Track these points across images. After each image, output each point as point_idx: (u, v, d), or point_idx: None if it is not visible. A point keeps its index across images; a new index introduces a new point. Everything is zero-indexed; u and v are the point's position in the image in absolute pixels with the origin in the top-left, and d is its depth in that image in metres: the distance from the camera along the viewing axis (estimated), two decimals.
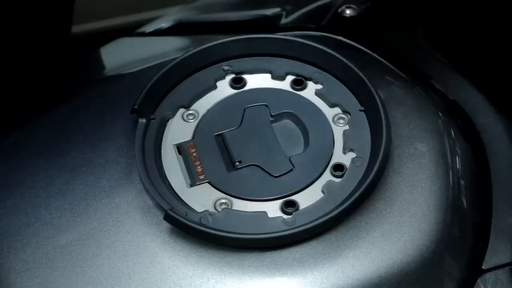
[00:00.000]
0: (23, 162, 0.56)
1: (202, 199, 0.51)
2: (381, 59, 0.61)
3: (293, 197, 0.51)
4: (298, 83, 0.56)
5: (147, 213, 0.51)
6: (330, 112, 0.55)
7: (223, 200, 0.51)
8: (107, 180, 0.53)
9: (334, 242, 0.49)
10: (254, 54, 0.57)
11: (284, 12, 0.66)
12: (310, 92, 0.56)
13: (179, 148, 0.53)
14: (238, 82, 0.56)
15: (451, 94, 0.60)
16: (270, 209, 0.50)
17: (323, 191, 0.51)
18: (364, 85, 0.53)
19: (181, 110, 0.55)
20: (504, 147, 0.57)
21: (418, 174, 0.52)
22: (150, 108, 0.54)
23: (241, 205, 0.50)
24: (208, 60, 0.57)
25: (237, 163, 0.52)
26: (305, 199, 0.50)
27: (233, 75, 0.57)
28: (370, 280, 0.48)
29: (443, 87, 0.60)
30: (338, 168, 0.52)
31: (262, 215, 0.50)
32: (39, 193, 0.53)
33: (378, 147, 0.51)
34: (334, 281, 0.48)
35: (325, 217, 0.48)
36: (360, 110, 0.54)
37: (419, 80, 0.61)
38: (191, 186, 0.51)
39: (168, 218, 0.48)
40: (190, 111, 0.55)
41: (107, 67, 0.71)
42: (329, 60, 0.56)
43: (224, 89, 0.56)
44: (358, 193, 0.49)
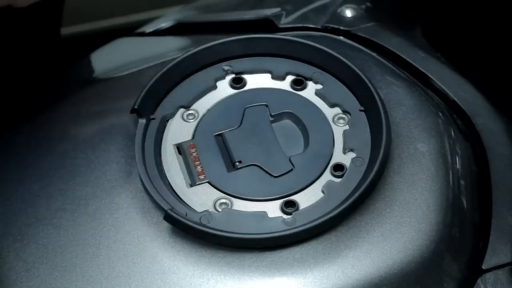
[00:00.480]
0: (23, 162, 0.56)
1: (202, 199, 0.51)
2: (381, 59, 0.61)
3: (293, 197, 0.51)
4: (298, 83, 0.56)
5: (147, 213, 0.51)
6: (330, 112, 0.55)
7: (223, 200, 0.51)
8: (107, 180, 0.53)
9: (334, 242, 0.49)
10: (254, 54, 0.57)
11: (284, 12, 0.66)
12: (310, 92, 0.56)
13: (179, 148, 0.53)
14: (238, 82, 0.56)
15: (451, 94, 0.60)
16: (270, 209, 0.50)
17: (323, 191, 0.51)
18: (364, 85, 0.53)
19: (181, 110, 0.55)
20: (504, 147, 0.57)
21: (418, 174, 0.52)
22: (150, 108, 0.54)
23: (241, 205, 0.50)
24: (208, 60, 0.57)
25: (237, 163, 0.52)
26: (305, 199, 0.50)
27: (233, 75, 0.57)
28: (370, 280, 0.48)
29: (443, 87, 0.60)
30: (338, 168, 0.52)
31: (262, 215, 0.50)
32: (39, 193, 0.53)
33: (378, 147, 0.51)
34: (334, 281, 0.48)
35: (325, 217, 0.48)
36: (360, 110, 0.54)
37: (419, 80, 0.61)
38: (191, 186, 0.51)
39: (168, 218, 0.48)
40: (190, 111, 0.55)
41: (107, 67, 0.71)
42: (329, 60, 0.56)
43: (224, 89, 0.56)
44: (358, 193, 0.49)
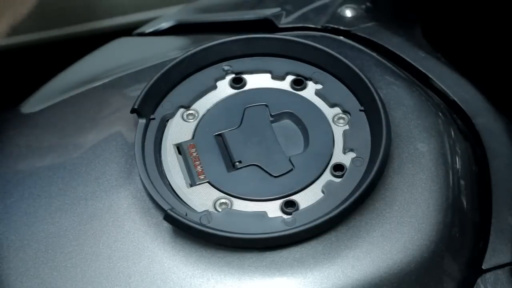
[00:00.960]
0: (23, 162, 0.56)
1: (202, 199, 0.51)
2: (381, 59, 0.61)
3: (293, 197, 0.51)
4: (298, 83, 0.56)
5: (147, 213, 0.51)
6: (330, 112, 0.55)
7: (223, 200, 0.51)
8: (107, 180, 0.53)
9: (334, 242, 0.49)
10: (254, 54, 0.57)
11: (284, 12, 0.66)
12: (310, 92, 0.56)
13: (179, 148, 0.53)
14: (238, 82, 0.56)
15: (451, 94, 0.60)
16: (270, 209, 0.50)
17: (323, 191, 0.51)
18: (364, 85, 0.53)
19: (181, 110, 0.55)
20: (504, 147, 0.57)
21: (418, 174, 0.52)
22: (150, 108, 0.54)
23: (241, 205, 0.50)
24: (208, 60, 0.57)
25: (237, 163, 0.52)
26: (305, 199, 0.50)
27: (233, 75, 0.57)
28: (370, 280, 0.48)
29: (443, 87, 0.60)
30: (338, 168, 0.51)
31: (262, 215, 0.50)
32: (39, 193, 0.53)
33: (378, 147, 0.51)
34: (334, 281, 0.48)
35: (325, 217, 0.48)
36: (360, 110, 0.54)
37: (419, 80, 0.61)
38: (191, 186, 0.51)
39: (168, 218, 0.48)
40: (190, 111, 0.55)
41: (107, 67, 0.71)
42: (329, 60, 0.55)
43: (224, 89, 0.56)
44: (358, 193, 0.49)
